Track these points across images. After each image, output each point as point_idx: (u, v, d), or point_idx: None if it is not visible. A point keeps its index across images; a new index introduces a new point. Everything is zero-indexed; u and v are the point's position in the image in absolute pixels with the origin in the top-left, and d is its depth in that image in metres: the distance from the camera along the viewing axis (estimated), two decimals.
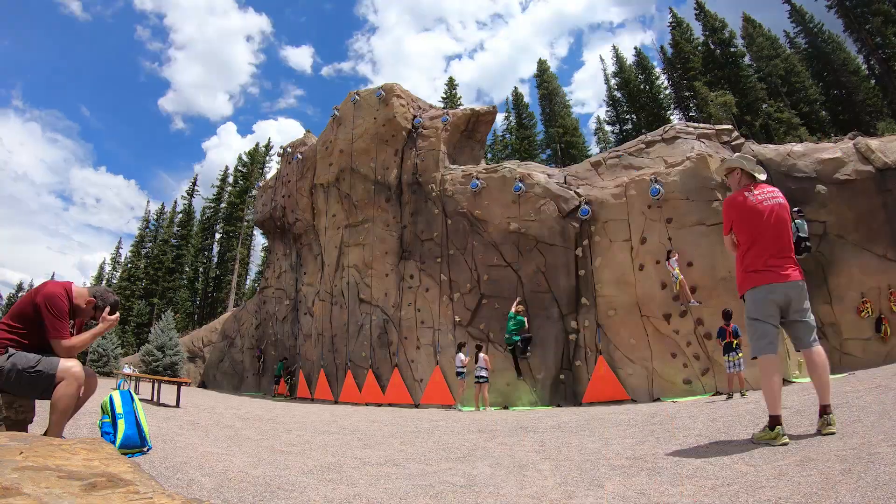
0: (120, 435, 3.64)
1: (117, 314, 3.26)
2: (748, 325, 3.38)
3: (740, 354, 7.51)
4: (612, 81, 40.31)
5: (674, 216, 10.00)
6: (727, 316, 7.85)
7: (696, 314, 9.31)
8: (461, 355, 10.90)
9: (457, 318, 12.09)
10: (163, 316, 24.35)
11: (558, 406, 9.94)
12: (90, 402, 3.63)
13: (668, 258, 9.57)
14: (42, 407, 3.09)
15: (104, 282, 52.73)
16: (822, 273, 10.06)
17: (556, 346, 10.70)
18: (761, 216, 3.30)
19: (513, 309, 10.58)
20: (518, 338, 10.29)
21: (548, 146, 39.36)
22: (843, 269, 9.90)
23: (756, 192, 3.38)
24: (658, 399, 9.04)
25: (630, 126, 37.91)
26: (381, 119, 15.27)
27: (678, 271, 9.22)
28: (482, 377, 10.19)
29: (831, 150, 10.67)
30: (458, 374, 10.85)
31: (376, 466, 3.59)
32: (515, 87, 44.32)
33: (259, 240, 44.67)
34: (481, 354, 10.47)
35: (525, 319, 10.54)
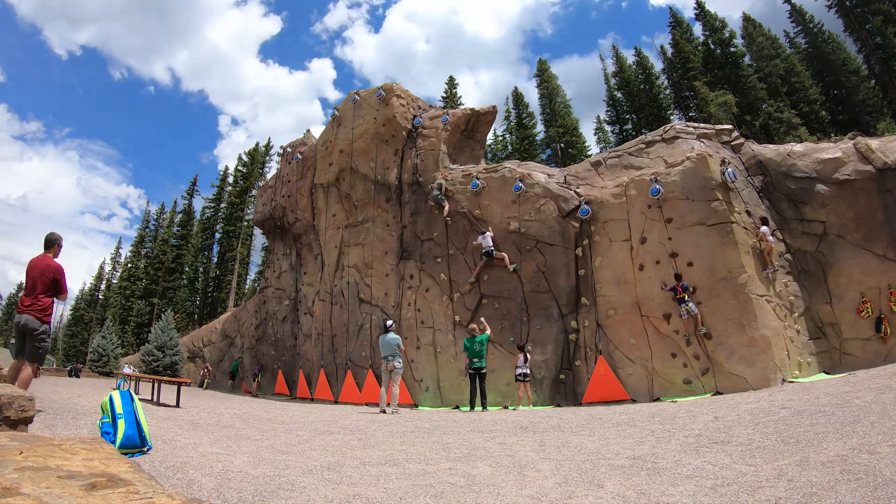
0: (120, 435, 3.64)
1: None
2: None
3: (691, 304, 9.18)
4: (612, 81, 40.31)
5: (674, 216, 10.00)
6: (678, 277, 9.48)
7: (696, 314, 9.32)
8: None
9: (457, 318, 12.09)
10: (163, 316, 24.34)
11: (558, 406, 9.94)
12: (89, 401, 3.62)
13: (761, 225, 9.84)
14: (42, 406, 3.09)
15: (104, 282, 52.74)
16: (822, 273, 10.06)
17: (556, 346, 10.70)
18: None
19: (478, 329, 10.06)
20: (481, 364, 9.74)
21: (548, 146, 39.35)
22: (843, 268, 9.89)
23: None
24: (658, 399, 9.04)
25: (630, 126, 37.91)
26: (381, 119, 15.26)
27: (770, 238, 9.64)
28: (525, 375, 9.87)
29: (831, 150, 10.65)
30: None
31: (376, 466, 3.59)
32: (515, 87, 44.24)
33: (259, 240, 44.64)
34: (526, 354, 10.15)
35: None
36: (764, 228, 9.80)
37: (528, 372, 9.98)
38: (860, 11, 30.12)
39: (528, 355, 10.23)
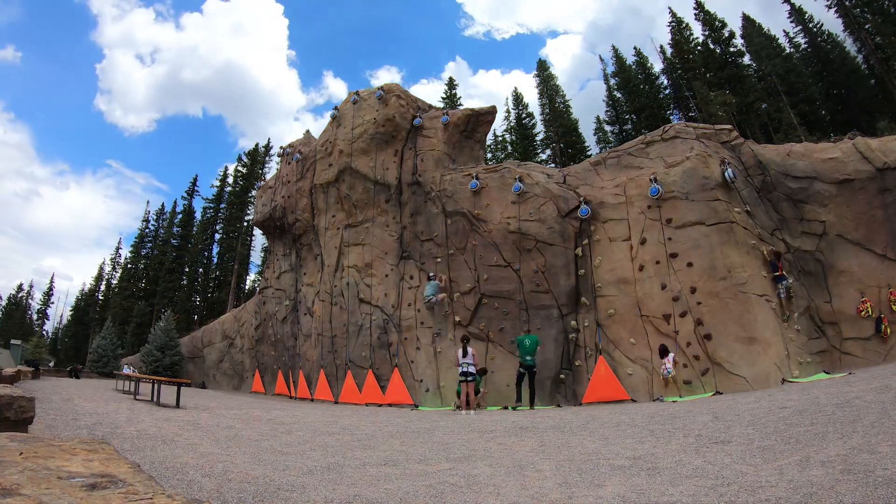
0: None
1: None
2: None
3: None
4: (612, 81, 40.29)
5: (673, 216, 10.00)
6: (777, 255, 9.64)
7: (697, 315, 9.31)
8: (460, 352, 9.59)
9: (457, 318, 12.09)
10: (163, 316, 24.34)
11: (558, 406, 9.94)
12: (89, 402, 3.62)
13: (664, 354, 9.12)
14: (42, 407, 3.09)
15: (104, 282, 52.68)
16: (822, 272, 10.06)
17: (556, 346, 10.70)
18: None
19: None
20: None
21: (548, 146, 39.34)
22: (842, 268, 9.89)
23: None
24: (658, 399, 9.04)
25: (630, 126, 37.88)
26: (381, 119, 15.26)
27: (672, 366, 8.97)
28: (470, 374, 9.18)
29: (831, 150, 10.66)
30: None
31: (376, 467, 3.59)
32: (515, 87, 44.24)
33: (259, 240, 44.63)
34: (469, 348, 9.44)
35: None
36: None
37: (475, 372, 9.39)
38: (860, 11, 30.10)
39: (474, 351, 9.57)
